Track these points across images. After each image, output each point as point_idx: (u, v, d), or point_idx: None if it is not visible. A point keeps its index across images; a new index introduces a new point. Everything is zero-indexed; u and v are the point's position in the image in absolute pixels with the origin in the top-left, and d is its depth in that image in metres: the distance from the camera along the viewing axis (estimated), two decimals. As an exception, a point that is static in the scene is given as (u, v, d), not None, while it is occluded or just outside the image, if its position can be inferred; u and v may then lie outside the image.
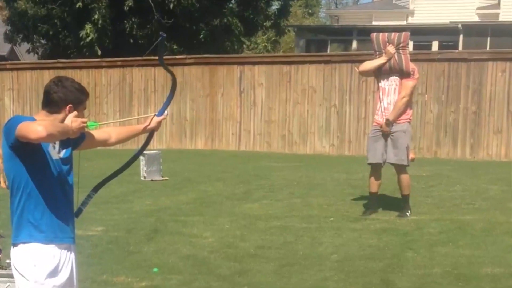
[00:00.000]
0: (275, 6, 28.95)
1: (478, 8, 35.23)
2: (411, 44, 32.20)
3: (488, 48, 28.02)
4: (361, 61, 17.03)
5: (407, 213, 9.13)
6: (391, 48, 9.36)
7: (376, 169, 9.50)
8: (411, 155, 15.63)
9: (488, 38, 30.64)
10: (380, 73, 9.46)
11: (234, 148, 18.29)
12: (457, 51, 23.16)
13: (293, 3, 35.96)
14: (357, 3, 66.78)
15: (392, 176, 12.51)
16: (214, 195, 11.02)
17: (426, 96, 16.69)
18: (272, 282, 6.52)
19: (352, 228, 8.41)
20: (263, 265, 7.00)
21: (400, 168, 9.40)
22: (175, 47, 25.29)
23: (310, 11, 60.22)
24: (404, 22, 35.98)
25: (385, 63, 9.29)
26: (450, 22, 31.71)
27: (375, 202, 9.58)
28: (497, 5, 34.93)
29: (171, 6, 23.69)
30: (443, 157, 16.28)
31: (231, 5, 26.72)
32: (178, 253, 7.47)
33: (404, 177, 9.40)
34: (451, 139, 16.48)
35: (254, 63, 18.53)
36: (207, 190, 11.55)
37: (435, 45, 32.01)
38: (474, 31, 31.59)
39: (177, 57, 20.72)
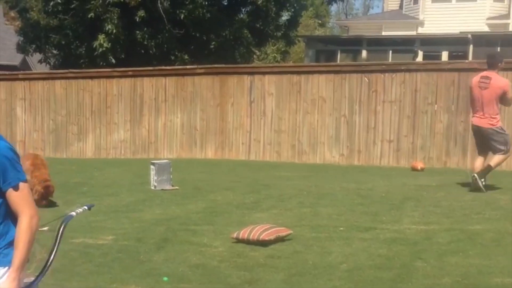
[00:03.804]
0: (285, 17, 29.01)
1: (488, 19, 35.23)
2: (420, 54, 32.32)
3: (498, 59, 27.94)
4: (371, 71, 17.33)
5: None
6: None
7: None
8: (421, 165, 15.75)
9: (498, 48, 30.60)
10: None
11: (244, 157, 18.32)
12: (467, 61, 23.18)
13: (304, 13, 36.01)
14: (367, 13, 66.86)
15: (403, 186, 12.55)
16: (224, 204, 11.04)
17: (435, 106, 16.68)
18: (281, 292, 6.54)
19: (362, 238, 8.41)
20: (272, 275, 7.01)
21: None
22: (186, 57, 25.37)
23: (320, 21, 60.28)
24: (414, 33, 35.99)
25: None
26: (460, 32, 31.73)
27: None
28: (507, 16, 34.94)
29: (182, 16, 23.79)
30: (453, 166, 16.26)
31: (241, 15, 26.80)
32: (187, 262, 7.49)
33: None
34: (461, 149, 16.46)
35: (264, 73, 18.58)
36: (217, 199, 11.57)
37: (444, 55, 32.02)
38: (484, 41, 31.58)
39: (188, 67, 20.84)
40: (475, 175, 11.70)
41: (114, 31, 23.34)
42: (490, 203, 10.64)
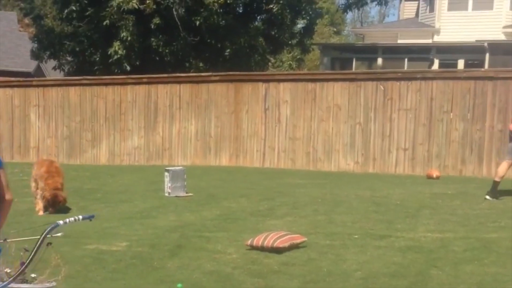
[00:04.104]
0: (300, 24, 28.99)
1: (504, 27, 35.08)
2: (436, 62, 32.23)
3: (514, 67, 27.87)
4: (386, 79, 17.28)
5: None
6: None
7: None
8: (436, 173, 15.68)
9: (515, 57, 30.46)
10: None
11: (258, 165, 18.30)
12: (483, 69, 23.05)
13: (319, 21, 36.00)
14: (382, 21, 66.79)
15: (418, 194, 12.50)
16: (238, 212, 11.01)
17: (451, 114, 16.61)
18: (295, 299, 6.51)
19: (377, 246, 8.36)
20: (287, 282, 6.98)
21: None
22: (200, 64, 25.40)
23: (335, 29, 60.28)
24: (430, 41, 35.90)
25: None
26: (476, 40, 31.60)
27: None
28: (524, 24, 34.78)
29: (197, 23, 23.81)
30: (468, 175, 16.18)
31: (256, 23, 26.80)
32: (202, 268, 7.46)
33: None
34: (477, 157, 16.38)
35: (279, 81, 18.56)
36: (231, 206, 11.55)
37: (460, 64, 31.90)
38: (500, 50, 31.43)
39: (203, 74, 20.87)
40: None
41: (129, 38, 23.40)
42: (506, 212, 10.57)
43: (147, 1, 23.23)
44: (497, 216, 10.14)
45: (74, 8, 24.31)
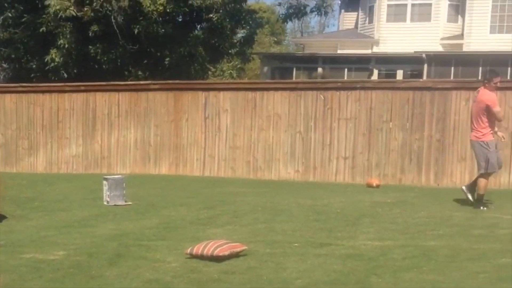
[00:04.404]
0: (240, 34, 29.01)
1: (442, 39, 35.65)
2: (375, 73, 32.59)
3: (452, 78, 28.37)
4: (326, 89, 17.35)
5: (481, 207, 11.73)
6: None
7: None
8: (376, 182, 15.81)
9: (452, 68, 31.00)
10: None
11: (198, 173, 18.22)
12: (421, 80, 23.43)
13: (259, 31, 36.09)
14: (322, 32, 67.28)
15: (358, 202, 12.56)
16: (178, 220, 10.92)
17: (391, 123, 16.75)
18: (235, 307, 6.44)
19: (317, 254, 8.34)
20: (226, 290, 6.92)
21: None
22: (139, 72, 25.22)
23: (275, 39, 60.49)
24: (369, 51, 36.27)
25: None
26: (415, 52, 32.05)
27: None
28: (461, 36, 35.39)
29: (136, 32, 23.64)
30: (408, 184, 16.34)
31: (196, 32, 26.73)
32: (141, 277, 7.35)
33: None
34: (416, 166, 16.55)
35: (219, 89, 18.51)
36: (171, 215, 11.44)
37: (399, 74, 32.33)
38: (439, 61, 31.96)
39: (142, 82, 20.77)
40: (463, 187, 12.43)
41: (67, 45, 23.13)
42: (444, 220, 10.68)
43: (85, 9, 22.98)
44: (435, 225, 10.23)
45: (10, 14, 23.95)
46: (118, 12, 23.36)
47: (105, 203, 12.66)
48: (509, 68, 30.31)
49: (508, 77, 27.36)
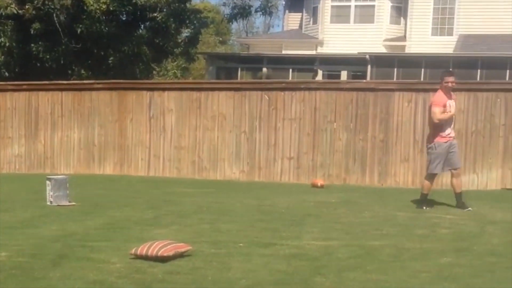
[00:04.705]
0: (185, 33, 28.95)
1: (385, 40, 36.04)
2: (320, 73, 32.79)
3: (395, 79, 28.70)
4: (271, 89, 17.41)
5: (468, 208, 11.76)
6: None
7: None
8: (321, 182, 15.92)
9: (395, 69, 31.35)
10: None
11: (143, 173, 18.15)
12: (364, 81, 23.64)
13: (204, 31, 36.04)
14: (267, 32, 67.44)
15: (303, 202, 12.63)
16: (123, 221, 10.84)
17: (335, 124, 16.88)
18: (180, 308, 6.43)
19: (262, 254, 8.36)
20: (171, 291, 6.89)
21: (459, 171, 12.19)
22: (83, 72, 25.00)
23: (220, 39, 60.46)
24: (314, 52, 36.47)
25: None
26: (358, 53, 32.32)
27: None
28: (403, 38, 35.83)
29: (79, 31, 23.42)
30: (352, 184, 16.48)
31: (141, 31, 26.59)
32: (85, 278, 7.28)
33: (460, 178, 12.17)
34: (360, 167, 16.71)
35: (163, 89, 18.45)
36: (116, 215, 11.36)
37: (344, 75, 32.58)
38: (382, 62, 32.28)
39: (85, 82, 20.60)
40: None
41: (8, 44, 22.82)
42: (388, 220, 10.79)
43: (26, 6, 22.68)
44: (379, 224, 10.33)
45: None
46: (61, 10, 23.13)
47: (49, 203, 12.51)
48: (450, 70, 30.70)
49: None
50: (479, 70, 30.21)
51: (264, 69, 34.55)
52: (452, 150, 11.94)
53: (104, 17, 23.67)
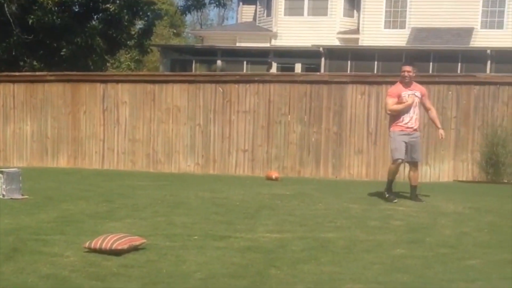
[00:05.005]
0: (139, 25, 28.77)
1: (339, 33, 36.20)
2: (274, 66, 32.84)
3: (348, 72, 28.88)
4: (225, 82, 17.43)
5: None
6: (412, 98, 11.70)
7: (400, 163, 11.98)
8: (275, 174, 15.97)
9: (349, 62, 31.53)
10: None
11: (97, 166, 18.04)
12: (318, 73, 23.75)
13: (158, 23, 35.86)
14: (221, 24, 67.34)
15: (258, 195, 12.67)
16: (77, 214, 10.77)
17: (289, 116, 16.95)
18: (135, 301, 6.42)
19: (216, 246, 8.38)
20: (126, 284, 6.87)
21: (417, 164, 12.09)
22: (35, 63, 24.73)
23: (175, 31, 60.20)
24: (268, 44, 36.51)
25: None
26: (312, 45, 32.43)
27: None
28: (357, 30, 36.03)
29: (31, 22, 23.16)
30: (306, 176, 16.58)
31: (94, 22, 26.38)
32: (38, 272, 7.23)
33: (417, 172, 12.11)
34: (314, 159, 16.81)
35: (117, 81, 18.36)
36: (69, 208, 11.28)
37: (298, 67, 32.67)
38: (335, 55, 32.44)
39: (38, 73, 20.38)
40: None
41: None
42: (341, 212, 10.87)
43: (-24, -3, 22.41)
44: (333, 217, 10.40)
45: None
46: (12, 0, 22.85)
47: (1, 196, 12.38)
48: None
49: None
50: (431, 63, 30.55)
51: (219, 62, 34.54)
52: (412, 142, 11.83)
53: (56, 8, 23.40)
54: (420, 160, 12.31)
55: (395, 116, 11.80)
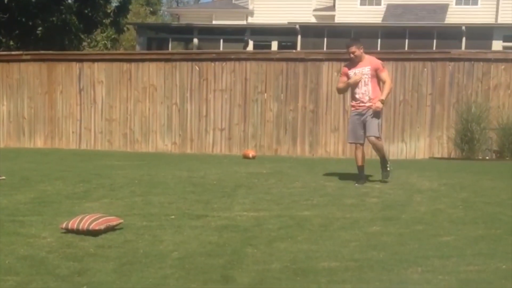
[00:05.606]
0: (114, 3, 28.63)
1: (314, 10, 36.21)
2: (251, 43, 32.81)
3: (324, 49, 28.90)
4: (201, 60, 17.41)
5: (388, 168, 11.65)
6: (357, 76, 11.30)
7: (359, 147, 11.58)
8: (252, 153, 16.00)
9: (325, 39, 31.55)
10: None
11: (74, 146, 18.01)
12: (294, 51, 23.75)
13: (135, 1, 35.72)
14: (198, 2, 67.03)
15: (235, 173, 12.72)
16: (54, 195, 10.77)
17: (265, 94, 16.98)
18: (112, 281, 6.43)
19: (193, 226, 8.41)
20: (103, 264, 6.90)
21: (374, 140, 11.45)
22: (11, 43, 24.57)
23: (151, 9, 59.92)
24: (244, 22, 36.46)
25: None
26: (288, 23, 32.42)
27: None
28: (333, 7, 36.04)
29: (6, 0, 22.98)
30: (283, 154, 16.62)
31: (69, 1, 26.22)
32: (15, 253, 7.25)
33: (380, 143, 11.58)
34: (291, 137, 16.86)
35: (93, 60, 18.30)
36: (46, 189, 11.27)
37: (274, 45, 32.67)
38: (311, 32, 32.47)
39: (13, 53, 20.26)
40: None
41: None
42: (318, 190, 10.92)
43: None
44: (309, 195, 10.45)
45: None
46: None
47: (-23, 178, 12.36)
48: (379, 40, 31.09)
49: (379, 49, 28.02)
50: (407, 40, 30.64)
51: (195, 40, 34.43)
52: (365, 120, 11.40)
53: (31, -14, 23.28)
54: (376, 135, 11.40)
55: (351, 95, 11.68)
